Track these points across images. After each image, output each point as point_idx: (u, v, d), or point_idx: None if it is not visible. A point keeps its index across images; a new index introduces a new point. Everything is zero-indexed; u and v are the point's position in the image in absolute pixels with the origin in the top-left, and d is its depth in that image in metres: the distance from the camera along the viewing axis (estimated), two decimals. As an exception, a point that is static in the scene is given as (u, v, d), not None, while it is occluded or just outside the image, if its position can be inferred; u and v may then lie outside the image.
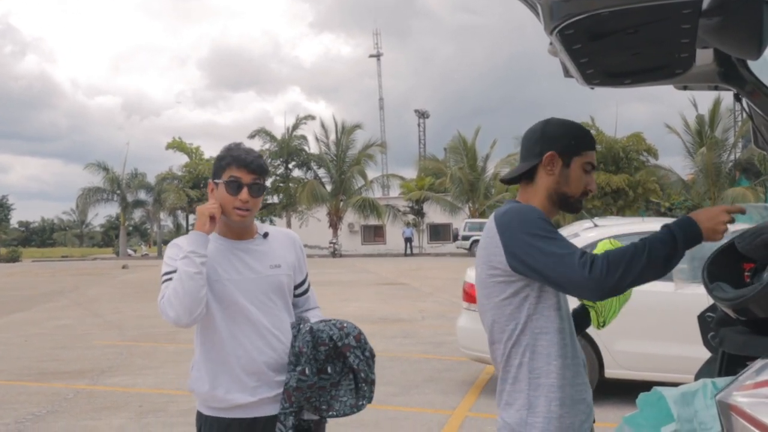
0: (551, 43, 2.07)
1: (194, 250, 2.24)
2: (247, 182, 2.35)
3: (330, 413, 2.34)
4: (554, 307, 1.96)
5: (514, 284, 1.94)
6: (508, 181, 2.16)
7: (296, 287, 2.57)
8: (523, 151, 2.13)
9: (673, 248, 1.78)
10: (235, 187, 2.34)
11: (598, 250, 2.13)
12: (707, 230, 1.81)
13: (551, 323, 1.95)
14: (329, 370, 2.33)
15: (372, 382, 2.39)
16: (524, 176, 2.10)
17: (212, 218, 2.30)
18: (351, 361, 2.34)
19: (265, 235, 2.49)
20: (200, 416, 2.45)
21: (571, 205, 2.08)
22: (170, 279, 2.29)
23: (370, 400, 2.40)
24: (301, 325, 2.40)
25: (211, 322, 2.36)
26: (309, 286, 2.67)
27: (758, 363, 1.63)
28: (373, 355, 2.40)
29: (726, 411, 1.58)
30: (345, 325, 2.40)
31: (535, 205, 2.03)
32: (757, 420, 1.50)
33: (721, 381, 1.81)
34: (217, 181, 2.39)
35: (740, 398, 1.57)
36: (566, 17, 1.74)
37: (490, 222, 2.03)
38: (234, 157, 2.37)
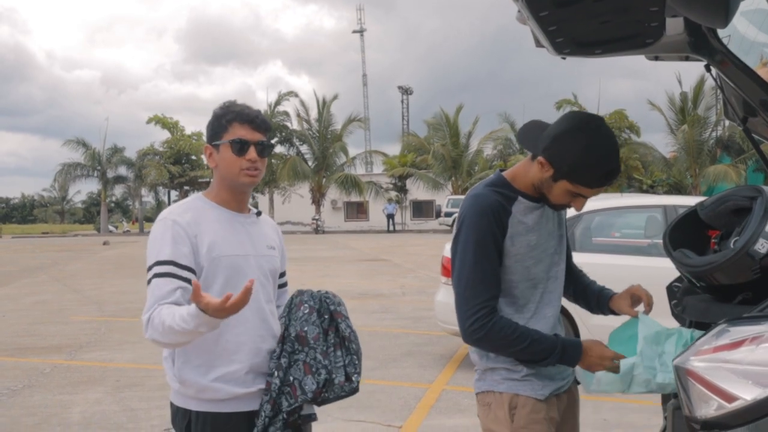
0: (519, 11, 2.04)
1: (202, 332, 1.92)
2: (254, 141, 2.15)
3: (329, 394, 2.13)
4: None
5: None
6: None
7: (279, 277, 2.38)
8: (542, 129, 2.05)
9: (548, 359, 1.95)
10: (239, 147, 2.12)
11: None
12: (587, 364, 1.96)
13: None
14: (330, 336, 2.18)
15: (360, 356, 2.23)
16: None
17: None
18: (342, 328, 2.19)
19: (259, 213, 2.33)
20: (185, 413, 2.13)
21: (551, 206, 2.06)
22: (160, 276, 2.02)
23: (360, 374, 2.21)
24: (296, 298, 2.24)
25: None
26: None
27: (715, 328, 1.63)
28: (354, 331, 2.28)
29: (683, 376, 1.59)
30: (330, 293, 2.27)
31: (521, 183, 2.05)
32: (712, 384, 1.51)
33: (699, 335, 1.78)
34: (217, 143, 2.15)
35: (697, 363, 1.58)
36: None
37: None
38: (237, 112, 2.15)
